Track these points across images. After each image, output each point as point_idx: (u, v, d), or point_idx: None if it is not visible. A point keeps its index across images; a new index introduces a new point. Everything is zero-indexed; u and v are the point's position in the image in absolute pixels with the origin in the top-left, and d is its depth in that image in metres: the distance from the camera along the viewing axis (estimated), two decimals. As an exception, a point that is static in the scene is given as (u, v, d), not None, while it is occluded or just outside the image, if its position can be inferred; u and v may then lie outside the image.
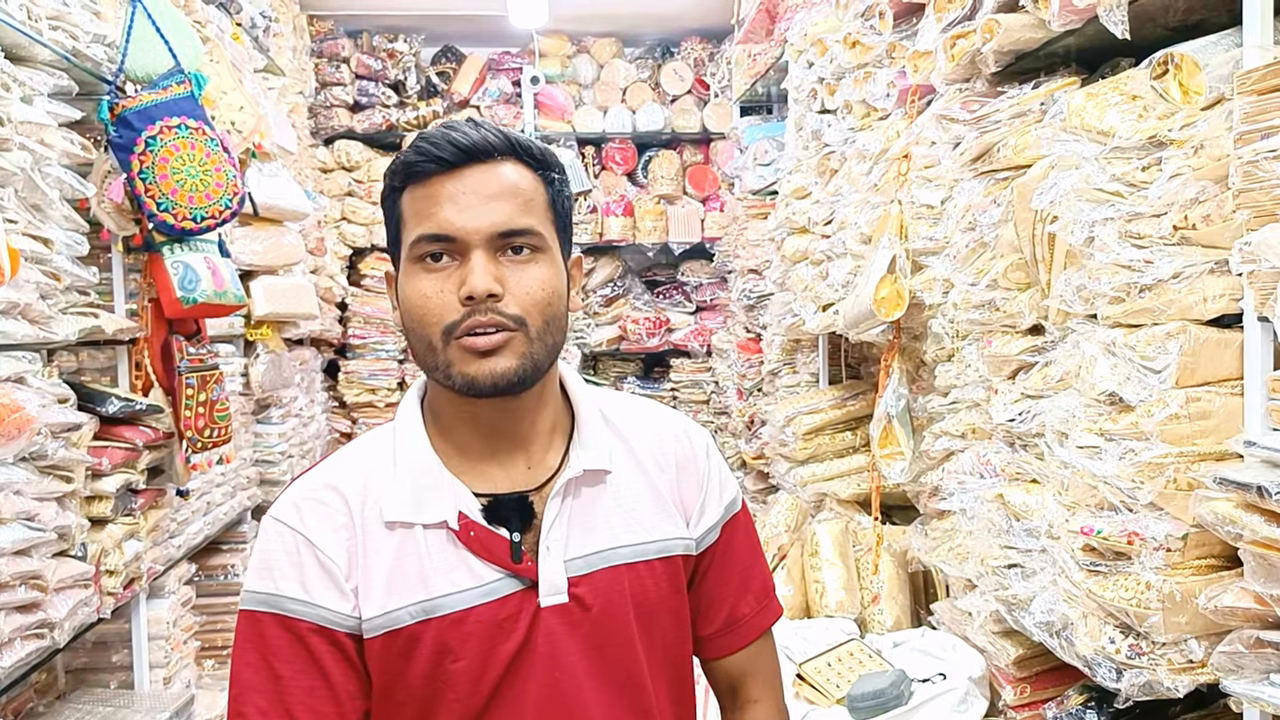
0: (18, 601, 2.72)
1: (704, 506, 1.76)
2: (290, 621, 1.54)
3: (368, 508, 1.58)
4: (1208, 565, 2.12)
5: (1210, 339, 2.11)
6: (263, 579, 1.57)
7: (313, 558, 1.55)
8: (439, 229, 1.53)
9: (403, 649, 1.54)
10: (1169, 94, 2.26)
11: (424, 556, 1.56)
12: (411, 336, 1.58)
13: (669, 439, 1.77)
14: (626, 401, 1.80)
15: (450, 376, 1.54)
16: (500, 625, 1.55)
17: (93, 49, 3.30)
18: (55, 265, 2.97)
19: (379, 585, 1.54)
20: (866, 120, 4.18)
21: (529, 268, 1.56)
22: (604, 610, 1.61)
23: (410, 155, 1.57)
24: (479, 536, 1.57)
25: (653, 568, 1.67)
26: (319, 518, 1.57)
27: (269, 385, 5.15)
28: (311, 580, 1.54)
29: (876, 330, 3.84)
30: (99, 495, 3.23)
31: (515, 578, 1.57)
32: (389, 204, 1.63)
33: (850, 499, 4.69)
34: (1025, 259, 2.70)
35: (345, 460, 1.65)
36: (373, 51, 7.98)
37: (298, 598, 1.54)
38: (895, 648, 3.55)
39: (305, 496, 1.60)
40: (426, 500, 1.58)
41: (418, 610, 1.54)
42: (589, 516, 1.64)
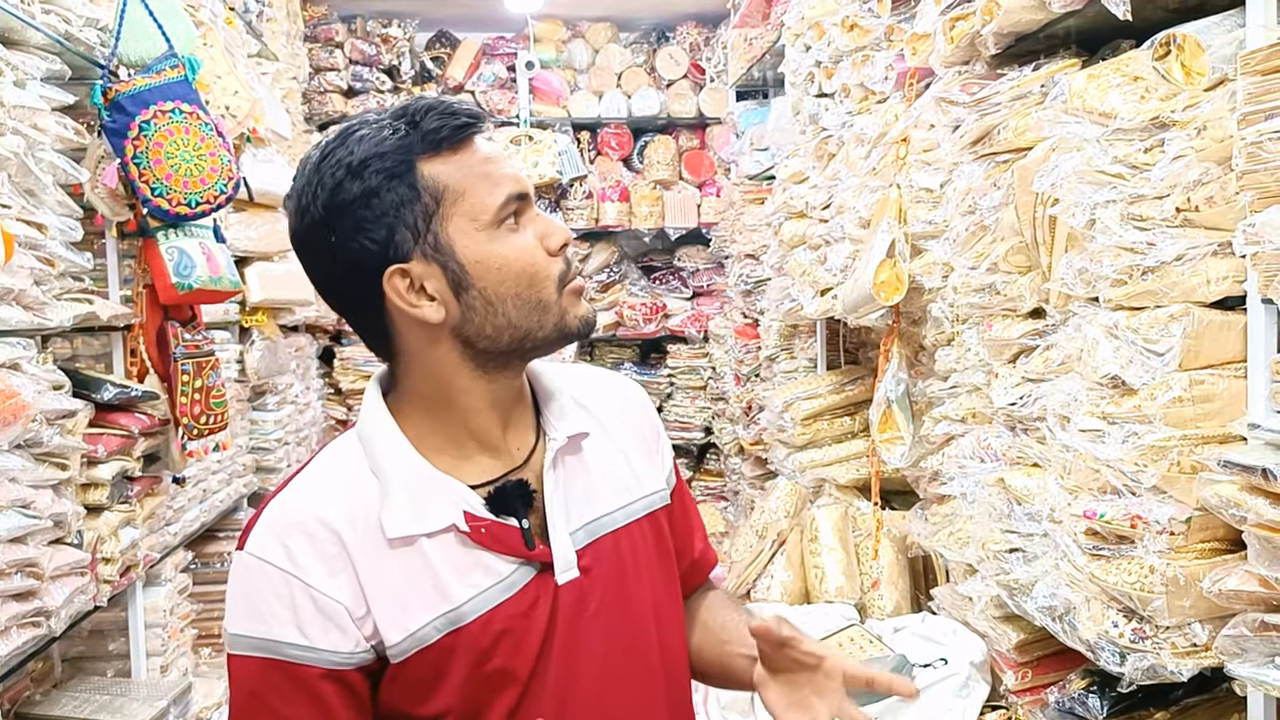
0: (14, 589, 2.70)
1: (665, 451, 1.82)
2: (292, 667, 1.45)
3: (361, 531, 1.48)
4: (1211, 549, 2.11)
5: (1214, 321, 2.10)
6: (253, 622, 1.46)
7: (309, 600, 1.45)
8: (518, 187, 1.51)
9: (436, 663, 1.48)
10: (1171, 75, 2.24)
11: (436, 566, 1.49)
12: (508, 306, 1.51)
13: (618, 396, 1.80)
14: (566, 367, 1.79)
15: (566, 326, 1.55)
16: (526, 615, 1.52)
17: (86, 33, 3.28)
18: (49, 251, 2.96)
19: (395, 607, 1.47)
20: (865, 104, 4.16)
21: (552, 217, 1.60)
22: (610, 577, 1.61)
23: (436, 122, 1.48)
24: (490, 531, 1.52)
25: (642, 526, 1.69)
26: (311, 554, 1.46)
27: (264, 372, 5.14)
28: (309, 624, 1.45)
29: (875, 315, 3.83)
30: (95, 482, 3.22)
31: (530, 564, 1.54)
32: (399, 184, 1.48)
33: (849, 484, 4.68)
34: (1026, 242, 2.69)
35: (321, 483, 1.54)
36: (367, 37, 7.95)
37: (296, 643, 1.45)
38: (896, 633, 3.55)
39: (291, 531, 1.47)
40: (426, 507, 1.50)
41: (443, 623, 1.48)
42: (579, 486, 1.63)
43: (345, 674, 1.47)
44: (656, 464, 1.77)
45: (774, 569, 4.35)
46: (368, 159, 1.48)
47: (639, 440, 1.76)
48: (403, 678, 1.49)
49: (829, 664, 1.60)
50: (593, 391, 1.75)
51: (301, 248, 1.54)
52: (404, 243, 1.49)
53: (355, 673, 1.47)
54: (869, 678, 1.63)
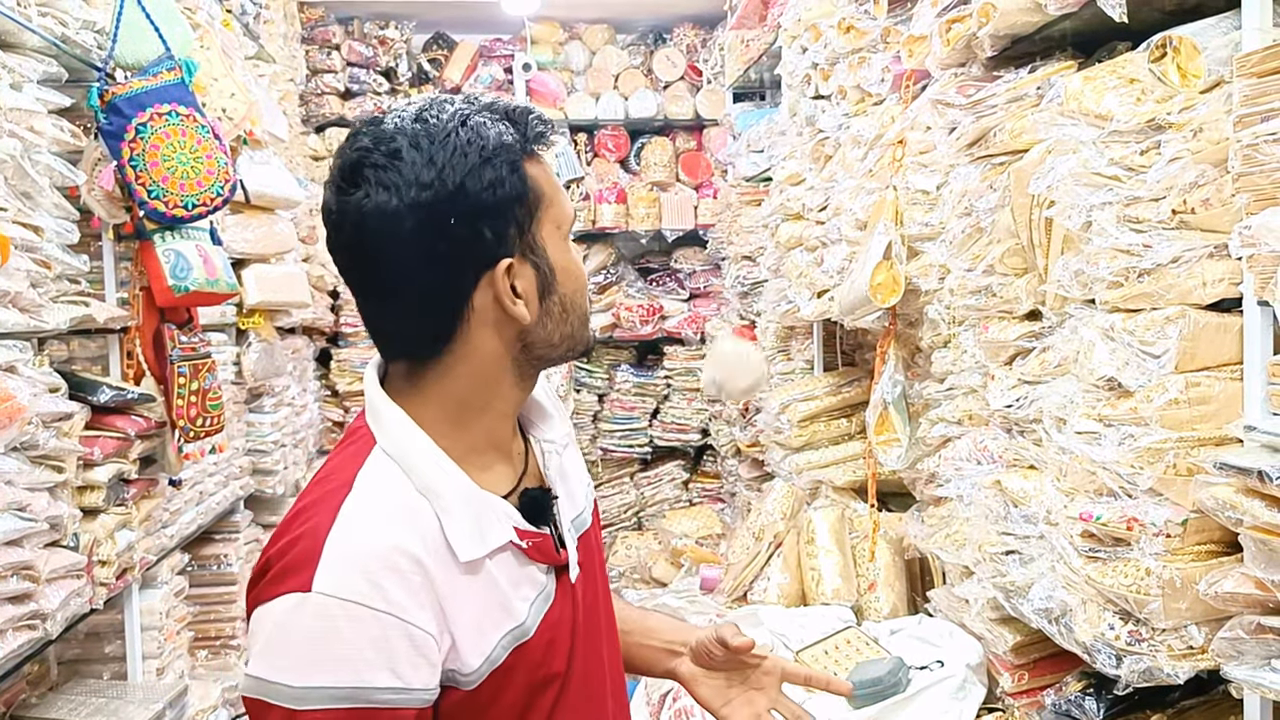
0: (10, 592, 2.70)
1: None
2: (384, 714, 1.35)
3: (435, 558, 1.41)
4: (1208, 551, 2.12)
5: (1210, 323, 2.10)
6: (336, 671, 1.34)
7: (405, 637, 1.36)
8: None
9: (501, 682, 1.46)
10: (1167, 77, 2.25)
11: (499, 585, 1.47)
12: (571, 313, 1.55)
13: (558, 400, 1.83)
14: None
15: (589, 341, 1.61)
16: (561, 618, 1.55)
17: (82, 35, 3.27)
18: (46, 253, 2.95)
19: (472, 633, 1.43)
20: (861, 106, 4.17)
21: None
22: (592, 571, 1.68)
23: (538, 125, 1.50)
24: (535, 544, 1.53)
25: (595, 526, 1.76)
26: (401, 589, 1.37)
27: (261, 374, 5.13)
28: (403, 664, 1.36)
29: (872, 317, 3.83)
30: (91, 485, 3.21)
31: (552, 568, 1.57)
32: (513, 179, 1.46)
33: (846, 486, 4.68)
34: (1022, 244, 2.69)
35: (382, 511, 1.43)
36: (364, 38, 7.95)
37: (391, 686, 1.35)
38: (892, 635, 3.55)
39: (374, 565, 1.37)
40: (485, 526, 1.47)
41: (509, 640, 1.47)
42: (562, 489, 1.66)
43: (426, 712, 1.41)
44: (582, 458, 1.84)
45: (771, 571, 4.35)
46: (499, 148, 1.45)
47: (569, 437, 1.79)
48: (471, 703, 1.45)
49: (769, 662, 1.72)
50: (550, 400, 1.77)
51: (395, 224, 1.43)
52: (512, 238, 1.47)
53: (430, 709, 1.42)
54: (806, 675, 1.81)
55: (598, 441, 8.08)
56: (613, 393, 8.12)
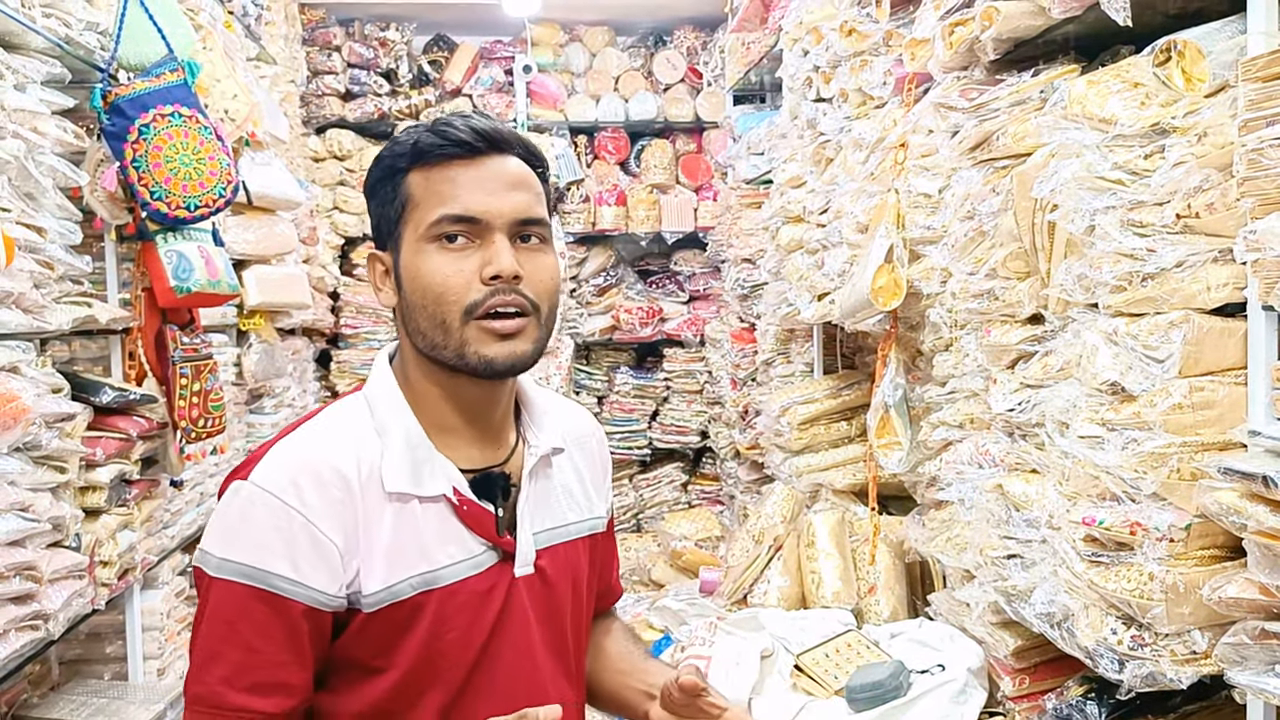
0: (12, 593, 2.70)
1: (608, 490, 1.96)
2: (278, 600, 1.53)
3: (365, 482, 1.58)
4: (1211, 556, 2.12)
5: (1214, 328, 2.10)
6: (246, 551, 1.54)
7: (309, 538, 1.53)
8: (465, 210, 1.59)
9: (404, 621, 1.59)
10: (1172, 81, 2.25)
11: (421, 529, 1.60)
12: (419, 315, 1.62)
13: (584, 430, 1.93)
14: (549, 393, 1.92)
15: (464, 357, 1.60)
16: (484, 596, 1.64)
17: (85, 36, 3.27)
18: (49, 254, 2.95)
19: (380, 559, 1.57)
20: (863, 109, 4.17)
21: (540, 256, 1.65)
22: (556, 583, 1.74)
23: (428, 138, 1.63)
24: (470, 510, 1.64)
25: (585, 544, 1.84)
26: (318, 495, 1.55)
27: (262, 375, 5.13)
28: (304, 559, 1.53)
29: (873, 320, 3.83)
30: (93, 486, 3.21)
31: (494, 550, 1.66)
32: (389, 184, 1.67)
33: (846, 489, 4.68)
34: (1025, 248, 2.69)
35: (331, 431, 1.65)
36: (364, 40, 7.94)
37: (288, 576, 1.53)
38: (893, 639, 3.55)
39: (303, 470, 1.57)
40: (423, 473, 1.62)
41: (419, 582, 1.59)
42: (547, 495, 1.77)
43: (321, 615, 1.55)
44: (604, 495, 1.92)
45: (771, 574, 4.35)
46: (382, 157, 1.68)
47: (594, 471, 1.90)
48: (370, 629, 1.58)
49: (730, 715, 1.71)
50: (567, 418, 1.89)
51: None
52: (384, 234, 1.69)
53: (329, 616, 1.56)
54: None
55: (597, 443, 8.06)
56: (612, 394, 8.12)
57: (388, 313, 1.76)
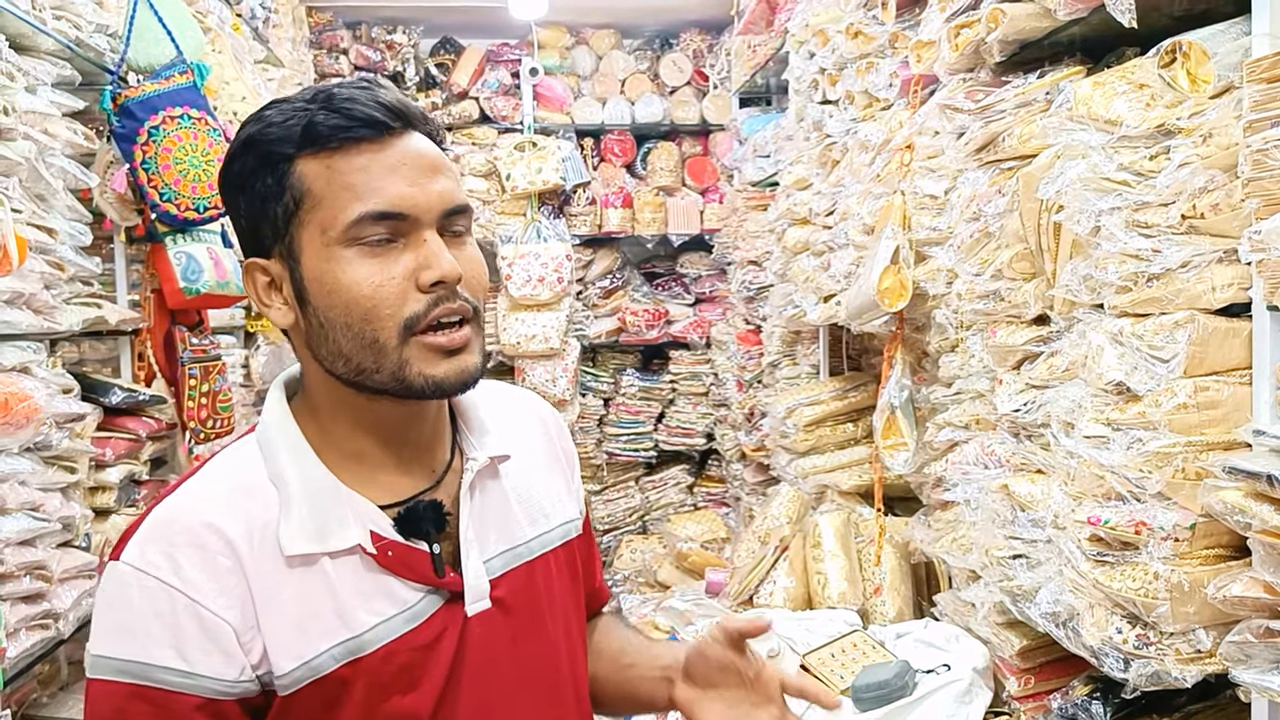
0: (23, 592, 2.72)
1: (577, 480, 1.73)
2: (163, 695, 1.29)
3: (258, 544, 1.34)
4: (1216, 555, 2.12)
5: (1219, 328, 2.11)
6: (122, 643, 1.30)
7: (194, 619, 1.29)
8: (390, 206, 1.33)
9: (330, 697, 1.35)
10: (1177, 82, 2.25)
11: (336, 589, 1.36)
12: (341, 335, 1.36)
13: (537, 419, 1.70)
14: (485, 384, 1.56)
15: (405, 379, 1.36)
16: (429, 648, 1.40)
17: (95, 39, 3.29)
18: (59, 255, 2.97)
19: (290, 632, 1.33)
20: (869, 111, 4.17)
21: (467, 249, 1.41)
22: (523, 609, 1.51)
23: (327, 118, 1.34)
24: (397, 555, 1.40)
25: (557, 556, 1.61)
26: (199, 567, 1.31)
27: (269, 376, 5.15)
28: (192, 646, 1.29)
29: (879, 321, 3.84)
30: (102, 486, 3.23)
31: (437, 592, 1.42)
32: (267, 178, 1.37)
33: (852, 490, 4.68)
34: (1030, 249, 2.70)
35: (214, 486, 1.40)
36: (371, 43, 7.96)
37: (174, 667, 1.29)
38: (898, 639, 3.55)
39: (178, 538, 1.32)
40: (329, 524, 1.36)
41: (341, 652, 1.35)
42: (495, 511, 1.53)
43: (223, 705, 1.32)
44: (572, 491, 1.69)
45: (776, 575, 4.35)
46: (254, 140, 1.38)
47: (556, 466, 1.68)
48: (293, 713, 1.35)
49: (768, 673, 1.60)
50: (512, 411, 1.65)
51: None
52: (265, 237, 1.40)
53: (234, 705, 1.33)
54: (800, 687, 1.65)
55: (603, 445, 8.08)
56: (618, 397, 8.13)
57: (275, 323, 1.49)
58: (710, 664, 1.60)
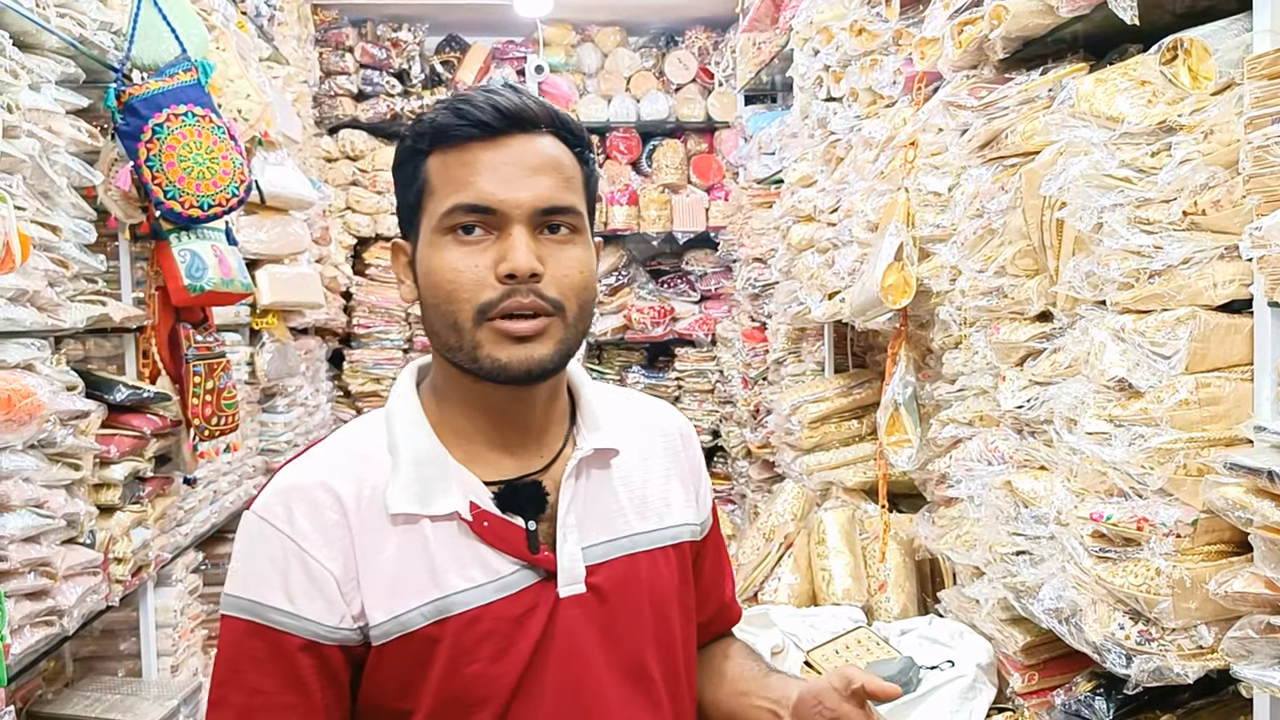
0: (27, 588, 2.72)
1: (704, 492, 1.77)
2: (272, 633, 1.43)
3: (366, 504, 1.46)
4: (1218, 551, 2.12)
5: (1220, 324, 2.11)
6: (245, 583, 1.45)
7: (300, 563, 1.42)
8: (478, 199, 1.44)
9: (419, 655, 1.44)
10: (1178, 79, 2.25)
11: (432, 552, 1.45)
12: (432, 314, 1.48)
13: (669, 427, 1.75)
14: (621, 391, 1.77)
15: (477, 360, 1.45)
16: (518, 621, 1.47)
17: (99, 36, 3.30)
18: (63, 253, 2.98)
19: (384, 587, 1.44)
20: (873, 108, 4.17)
21: (568, 249, 1.49)
22: (620, 600, 1.56)
23: (445, 117, 1.48)
24: (493, 526, 1.48)
25: (667, 555, 1.64)
26: (309, 517, 1.44)
27: (275, 374, 5.16)
28: (298, 589, 1.42)
29: (883, 318, 3.84)
30: (107, 483, 3.24)
31: (531, 569, 1.49)
32: (409, 167, 1.52)
33: (856, 487, 4.69)
34: (1033, 245, 2.70)
35: (336, 451, 1.53)
36: (377, 40, 7.97)
37: (281, 608, 1.42)
38: (902, 635, 3.55)
39: (295, 494, 1.46)
40: (433, 490, 1.47)
41: (430, 611, 1.44)
42: (601, 502, 1.59)
43: (325, 649, 1.43)
44: (691, 500, 1.72)
45: (781, 571, 4.36)
46: (405, 135, 1.54)
47: (677, 472, 1.71)
48: (384, 665, 1.45)
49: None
50: (636, 415, 1.72)
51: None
52: (405, 219, 1.56)
53: (336, 650, 1.44)
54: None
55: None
56: (624, 394, 8.12)
57: (400, 312, 1.64)
58: (823, 710, 1.57)
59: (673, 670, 1.63)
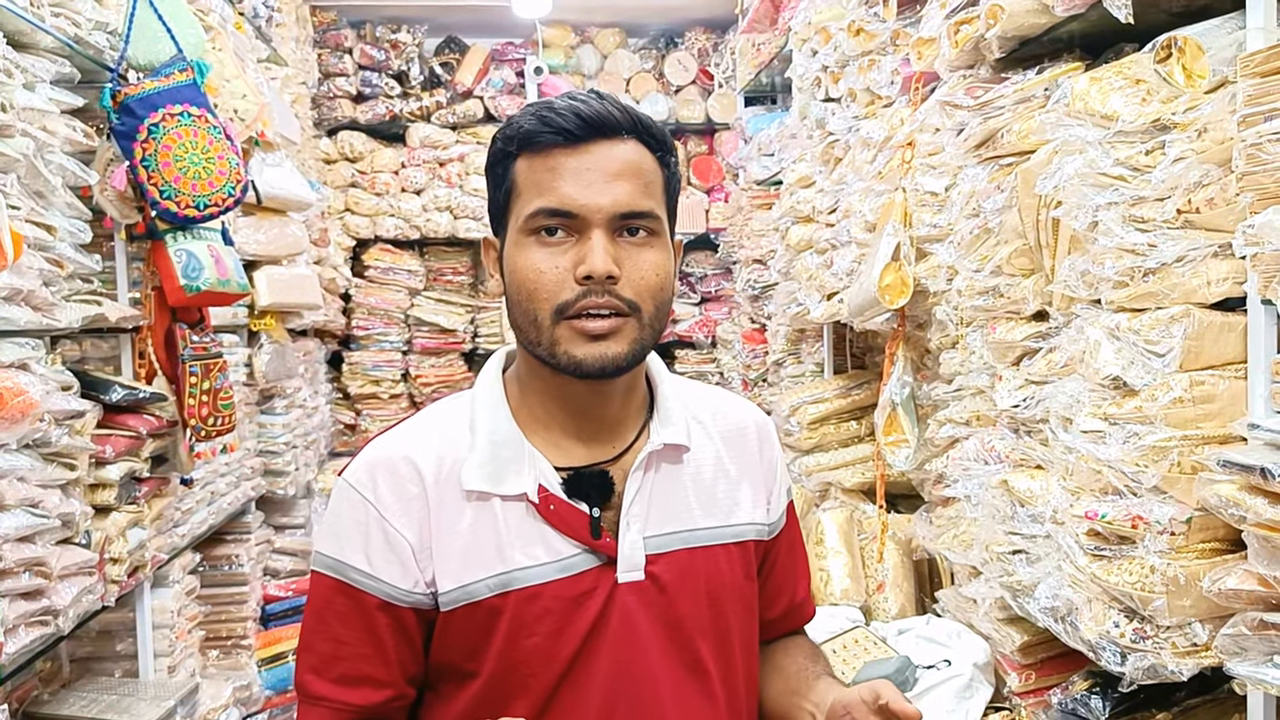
0: (22, 588, 2.72)
1: (778, 492, 1.80)
2: (354, 591, 1.56)
3: (444, 478, 1.57)
4: (1211, 548, 2.12)
5: (1214, 322, 2.11)
6: (331, 542, 1.59)
7: (380, 529, 1.55)
8: (560, 203, 1.51)
9: (483, 623, 1.55)
10: (1172, 78, 2.26)
11: (501, 529, 1.56)
12: (516, 309, 1.57)
13: (748, 424, 1.79)
14: (702, 387, 1.83)
15: (555, 355, 1.54)
16: (576, 601, 1.56)
17: (95, 36, 3.29)
18: (58, 252, 2.97)
19: (455, 558, 1.55)
20: (870, 108, 4.18)
21: (645, 251, 1.55)
22: (679, 591, 1.62)
23: (531, 123, 1.55)
24: (559, 510, 1.57)
25: (729, 552, 1.69)
26: (392, 488, 1.57)
27: (273, 375, 5.16)
28: (376, 553, 1.55)
29: (881, 318, 3.84)
30: (103, 483, 3.23)
31: (593, 553, 1.58)
32: (499, 169, 1.60)
33: (855, 487, 4.69)
34: (1029, 245, 2.70)
35: (422, 427, 1.65)
36: (376, 42, 7.98)
37: (362, 569, 1.55)
38: (900, 635, 3.56)
39: (380, 463, 1.59)
40: (506, 472, 1.57)
41: (495, 584, 1.54)
42: (668, 495, 1.65)
43: (400, 610, 1.56)
44: (762, 500, 1.76)
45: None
46: (497, 137, 1.62)
47: (750, 471, 1.76)
48: (451, 630, 1.56)
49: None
50: (715, 413, 1.77)
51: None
52: (495, 219, 1.64)
53: (410, 612, 1.56)
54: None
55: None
56: (624, 395, 8.12)
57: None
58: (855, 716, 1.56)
59: (729, 664, 1.68)
